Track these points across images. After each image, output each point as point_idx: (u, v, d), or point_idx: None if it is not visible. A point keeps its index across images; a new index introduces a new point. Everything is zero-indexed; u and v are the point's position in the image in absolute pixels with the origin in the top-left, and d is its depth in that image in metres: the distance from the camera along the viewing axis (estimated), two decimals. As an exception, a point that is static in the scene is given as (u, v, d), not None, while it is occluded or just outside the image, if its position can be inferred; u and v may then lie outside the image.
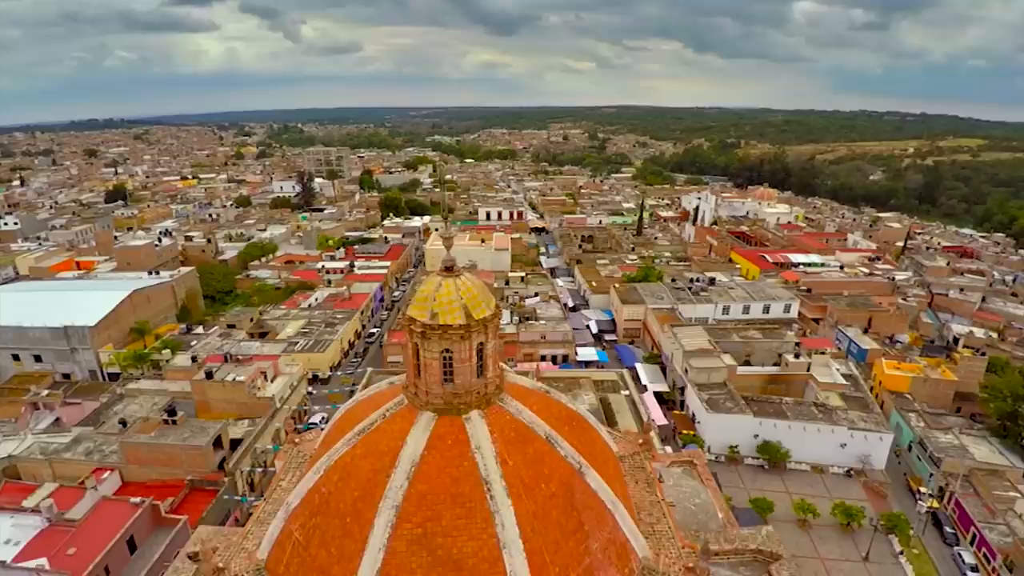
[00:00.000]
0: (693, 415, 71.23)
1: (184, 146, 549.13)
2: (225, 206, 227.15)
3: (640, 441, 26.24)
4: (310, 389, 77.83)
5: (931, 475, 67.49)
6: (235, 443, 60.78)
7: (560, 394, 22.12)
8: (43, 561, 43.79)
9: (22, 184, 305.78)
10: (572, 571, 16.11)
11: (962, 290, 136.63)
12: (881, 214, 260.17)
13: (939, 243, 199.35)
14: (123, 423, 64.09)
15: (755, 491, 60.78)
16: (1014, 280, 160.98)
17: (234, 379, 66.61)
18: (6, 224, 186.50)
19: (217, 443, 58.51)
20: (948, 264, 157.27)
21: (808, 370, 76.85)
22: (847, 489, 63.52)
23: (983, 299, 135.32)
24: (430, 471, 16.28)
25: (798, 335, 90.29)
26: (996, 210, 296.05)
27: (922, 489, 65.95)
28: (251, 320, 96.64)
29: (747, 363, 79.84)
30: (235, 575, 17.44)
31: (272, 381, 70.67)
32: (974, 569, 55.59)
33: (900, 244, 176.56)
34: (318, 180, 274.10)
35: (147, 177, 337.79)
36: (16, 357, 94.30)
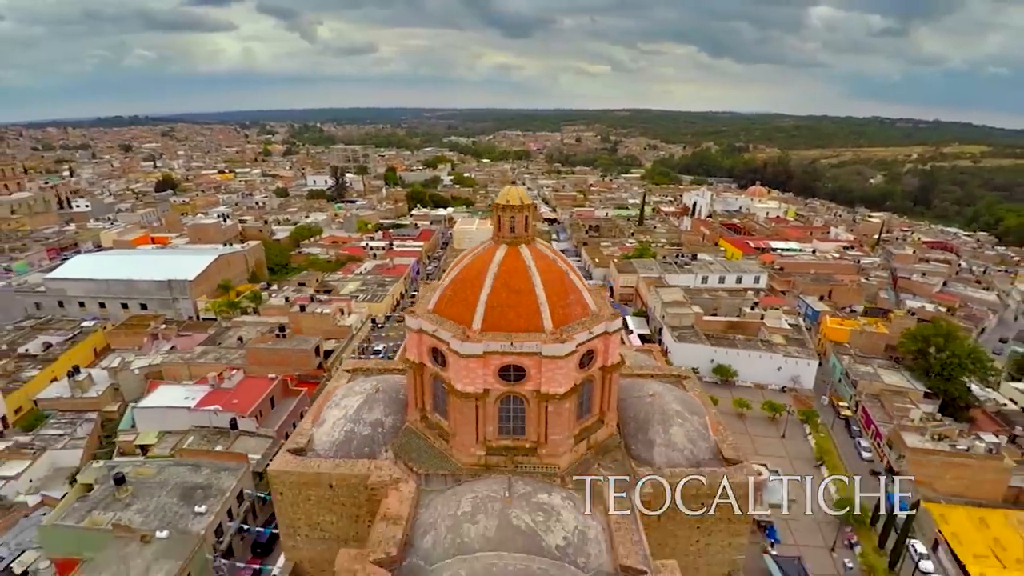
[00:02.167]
0: (666, 348, 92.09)
1: (212, 143, 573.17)
2: (267, 197, 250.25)
3: (600, 285, 47.36)
4: (372, 328, 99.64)
5: (851, 396, 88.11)
6: (327, 353, 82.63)
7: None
8: (217, 406, 65.68)
9: (71, 175, 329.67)
10: (562, 301, 36.68)
11: (924, 274, 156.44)
12: (875, 214, 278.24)
13: (919, 238, 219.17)
14: (240, 340, 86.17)
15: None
16: (984, 271, 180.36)
17: (321, 312, 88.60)
18: (79, 206, 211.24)
19: (315, 352, 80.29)
20: (914, 252, 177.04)
21: (761, 319, 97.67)
22: (780, 400, 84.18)
23: (944, 283, 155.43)
24: (505, 263, 36.96)
25: (760, 299, 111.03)
26: (984, 212, 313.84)
27: (841, 403, 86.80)
28: (316, 280, 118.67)
29: (714, 315, 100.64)
30: (419, 314, 38.44)
31: (348, 316, 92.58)
32: (867, 450, 76.41)
33: (876, 236, 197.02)
34: (348, 175, 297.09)
35: (187, 170, 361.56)
36: (124, 305, 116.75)
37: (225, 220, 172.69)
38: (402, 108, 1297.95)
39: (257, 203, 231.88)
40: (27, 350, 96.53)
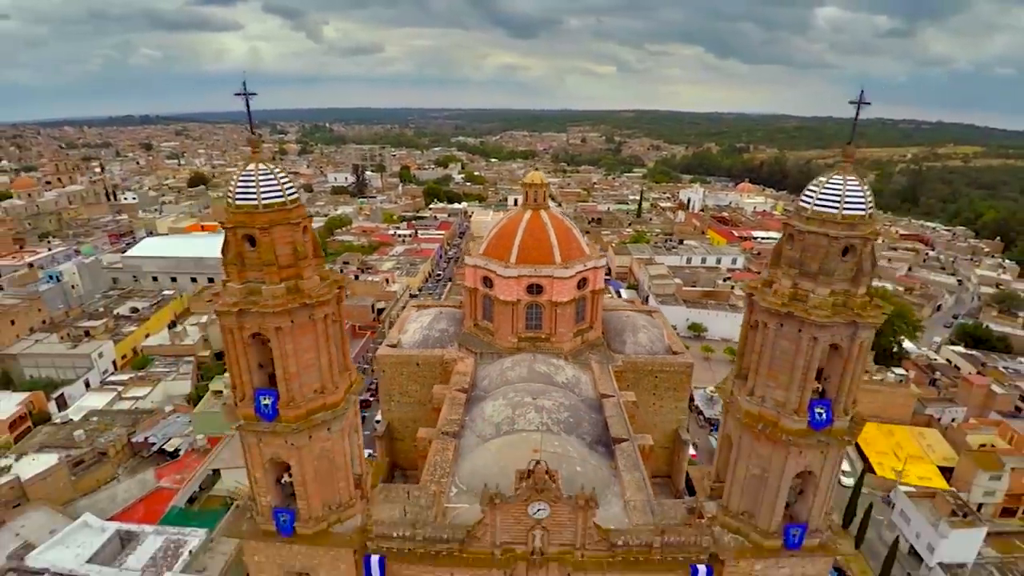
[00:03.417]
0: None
1: (228, 142, 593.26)
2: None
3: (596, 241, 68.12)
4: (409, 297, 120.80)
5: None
6: (379, 311, 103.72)
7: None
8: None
9: (102, 171, 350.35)
10: (567, 245, 57.07)
11: (890, 260, 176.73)
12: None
13: (896, 231, 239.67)
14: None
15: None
16: (953, 261, 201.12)
17: (372, 280, 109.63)
18: (127, 198, 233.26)
19: (371, 309, 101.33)
20: (883, 241, 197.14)
21: (731, 289, 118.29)
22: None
23: (909, 268, 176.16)
24: (531, 221, 57.36)
25: (733, 275, 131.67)
26: (967, 208, 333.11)
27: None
28: (357, 260, 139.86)
29: (693, 286, 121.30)
30: (471, 254, 58.64)
31: (392, 284, 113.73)
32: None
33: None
34: (367, 173, 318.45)
35: (212, 167, 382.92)
36: (194, 280, 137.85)
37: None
38: (409, 108, 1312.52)
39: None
40: (118, 313, 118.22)
